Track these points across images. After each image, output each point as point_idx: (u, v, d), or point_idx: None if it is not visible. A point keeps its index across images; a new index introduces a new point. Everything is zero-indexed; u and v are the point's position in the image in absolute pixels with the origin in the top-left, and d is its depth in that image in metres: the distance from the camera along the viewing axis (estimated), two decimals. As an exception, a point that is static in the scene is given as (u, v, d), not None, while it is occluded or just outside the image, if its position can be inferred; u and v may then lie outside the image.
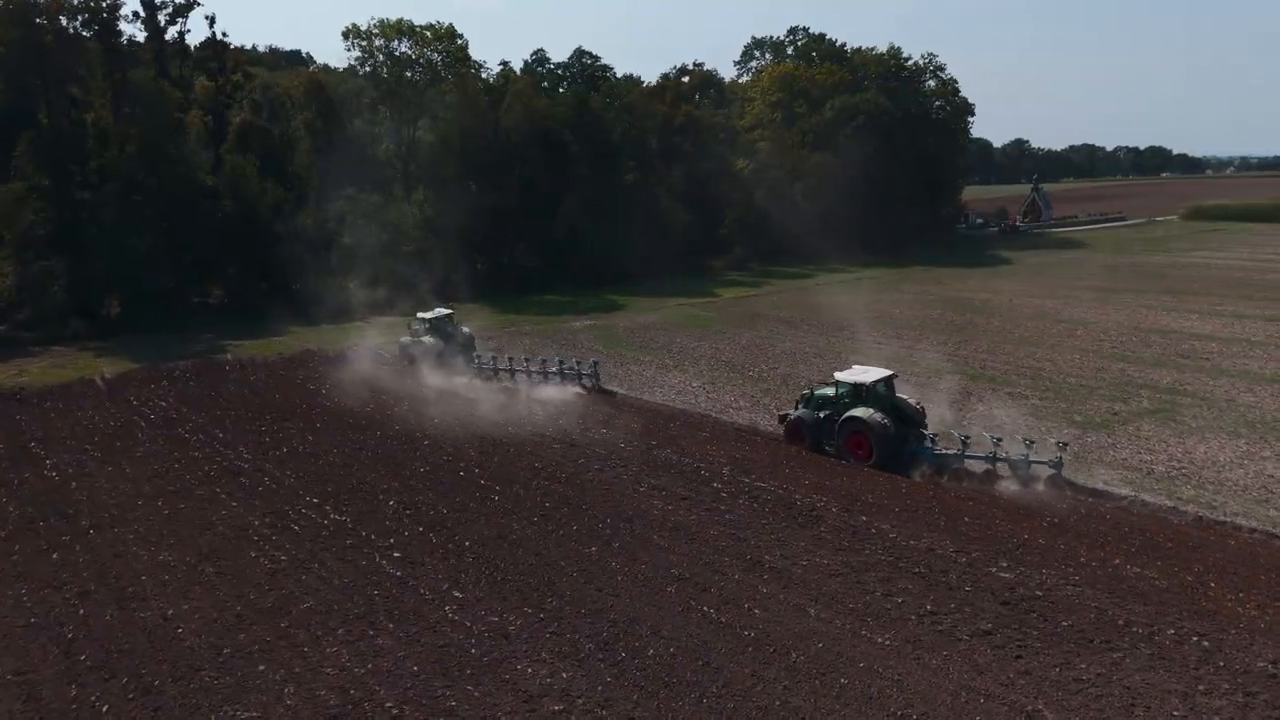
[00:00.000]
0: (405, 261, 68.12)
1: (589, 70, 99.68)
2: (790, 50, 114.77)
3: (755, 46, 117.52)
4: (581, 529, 24.97)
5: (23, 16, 58.81)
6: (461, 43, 76.04)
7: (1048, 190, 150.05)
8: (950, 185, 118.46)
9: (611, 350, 50.09)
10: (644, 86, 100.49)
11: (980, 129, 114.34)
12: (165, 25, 68.40)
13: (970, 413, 35.35)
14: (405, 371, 45.49)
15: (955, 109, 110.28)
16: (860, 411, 29.92)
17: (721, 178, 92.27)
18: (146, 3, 67.56)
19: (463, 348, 47.49)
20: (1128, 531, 24.32)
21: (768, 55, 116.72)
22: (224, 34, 72.03)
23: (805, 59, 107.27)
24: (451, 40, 75.16)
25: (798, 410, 32.55)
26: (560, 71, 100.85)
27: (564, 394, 40.67)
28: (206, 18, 69.13)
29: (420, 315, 48.60)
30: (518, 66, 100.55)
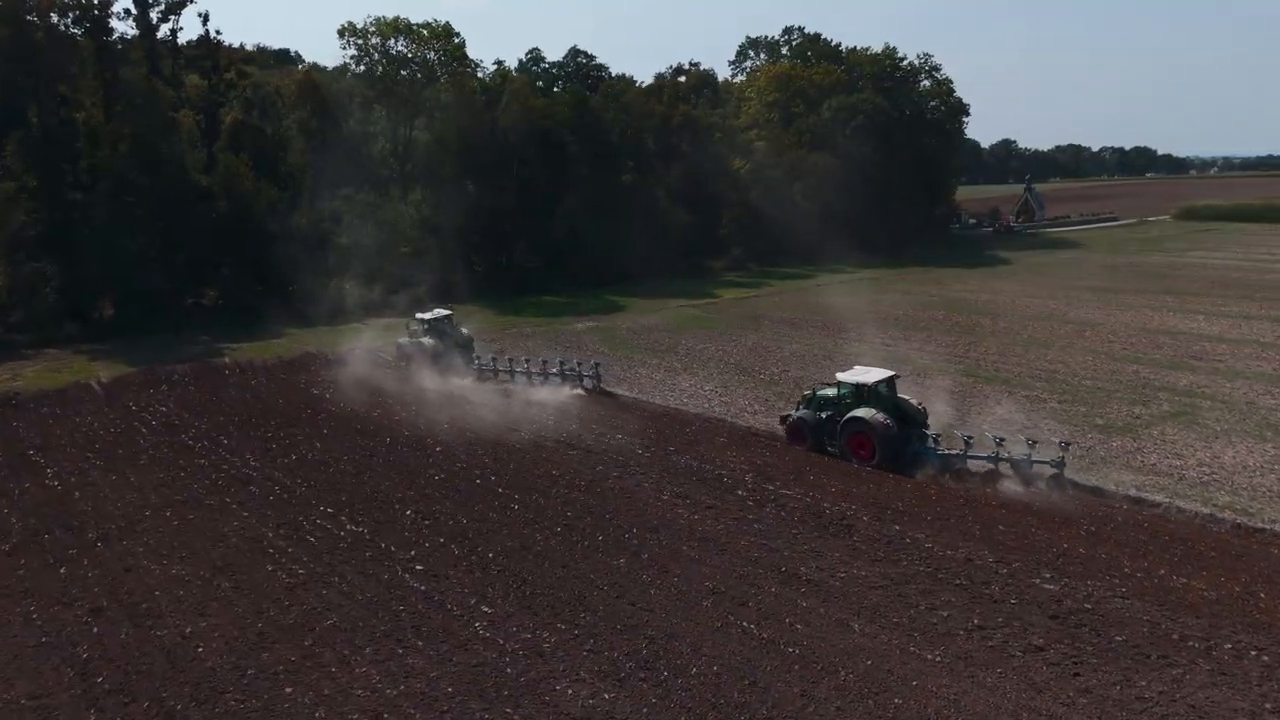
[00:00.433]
0: (402, 262, 67.31)
1: (584, 70, 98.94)
2: (785, 50, 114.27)
3: (750, 46, 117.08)
4: (608, 540, 24.26)
5: (13, 14, 57.58)
6: (458, 41, 75.17)
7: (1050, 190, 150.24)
8: (945, 185, 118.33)
9: (617, 352, 49.38)
10: (640, 86, 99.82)
11: (968, 129, 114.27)
12: (157, 23, 67.34)
13: (989, 416, 34.70)
14: (406, 374, 44.72)
15: (950, 109, 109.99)
16: (863, 412, 29.95)
17: (719, 178, 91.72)
18: (139, 0, 66.36)
19: (461, 349, 46.87)
20: (1168, 540, 23.79)
21: (762, 55, 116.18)
22: (218, 31, 70.86)
23: (801, 59, 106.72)
24: (448, 39, 74.26)
25: (799, 411, 32.57)
26: (555, 71, 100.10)
27: (567, 396, 40.21)
28: (200, 15, 68.19)
29: (418, 316, 47.92)
30: (508, 66, 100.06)
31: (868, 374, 31.33)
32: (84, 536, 25.19)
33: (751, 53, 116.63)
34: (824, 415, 31.48)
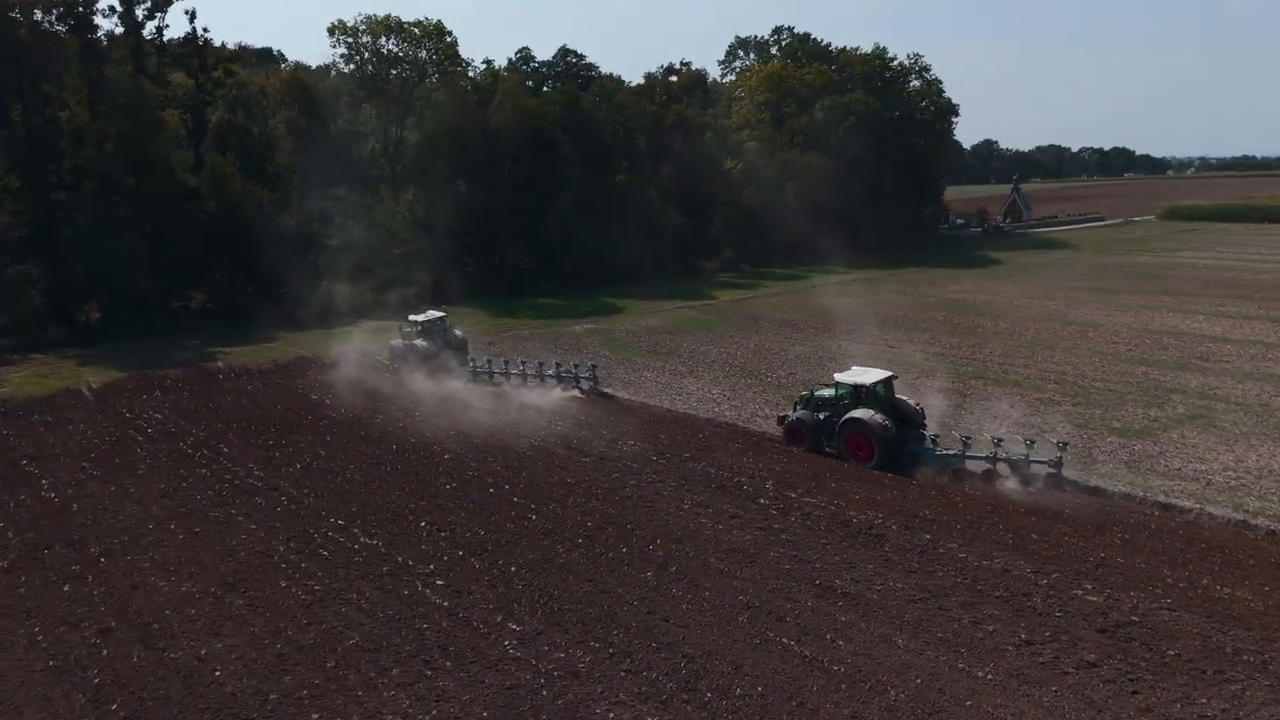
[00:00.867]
0: (394, 263, 66.26)
1: (574, 69, 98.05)
2: (775, 50, 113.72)
3: (739, 46, 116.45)
4: (632, 552, 23.53)
5: (-4, 10, 56.28)
6: (450, 40, 74.11)
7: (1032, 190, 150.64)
8: (934, 186, 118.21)
9: (619, 355, 48.65)
10: (631, 86, 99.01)
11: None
12: (143, 20, 65.99)
13: (1004, 420, 34.25)
14: (401, 377, 44.00)
15: (939, 109, 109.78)
16: (861, 413, 29.97)
17: (711, 178, 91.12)
18: (124, -3, 65.05)
19: (455, 351, 46.14)
20: (1204, 548, 23.30)
21: (752, 55, 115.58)
22: (205, 29, 69.53)
23: (792, 59, 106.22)
24: (440, 37, 73.19)
25: (796, 412, 32.55)
26: (545, 70, 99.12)
27: (565, 398, 39.71)
28: (186, 12, 66.75)
29: (412, 318, 47.19)
30: (497, 66, 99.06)
31: (865, 375, 31.39)
32: (86, 552, 24.22)
33: (741, 53, 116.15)
34: (822, 416, 31.56)
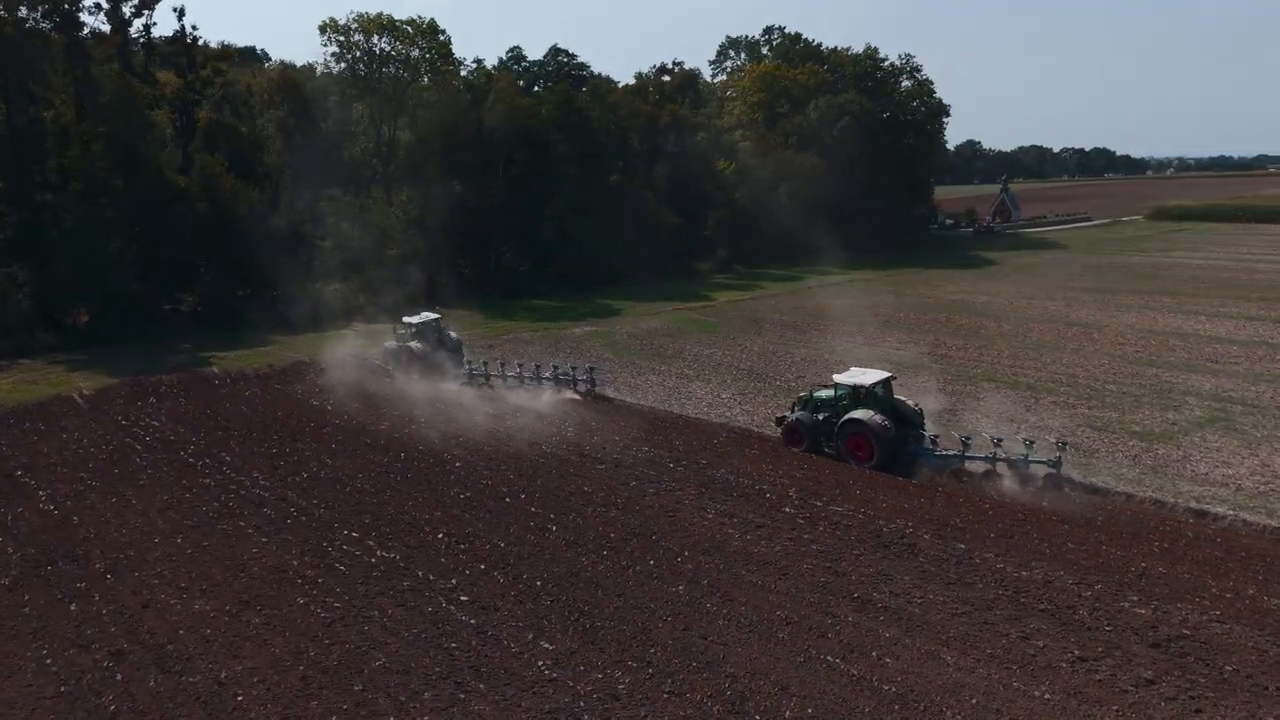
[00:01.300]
0: (388, 264, 65.27)
1: (565, 69, 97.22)
2: (766, 50, 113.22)
3: (730, 46, 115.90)
4: (660, 564, 22.81)
5: (-20, 7, 54.93)
6: (443, 39, 73.12)
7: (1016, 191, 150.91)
8: (925, 186, 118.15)
9: (622, 358, 47.93)
10: (624, 86, 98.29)
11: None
12: (130, 18, 64.60)
13: (1022, 424, 33.77)
14: (399, 380, 43.45)
15: (930, 109, 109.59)
16: (860, 413, 30.01)
17: (704, 178, 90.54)
18: (110, -7, 63.68)
19: (451, 353, 45.49)
20: (1244, 557, 22.81)
21: (743, 55, 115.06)
22: (194, 27, 68.27)
23: (784, 59, 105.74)
24: (433, 36, 72.20)
25: (795, 413, 32.58)
26: (536, 70, 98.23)
27: (563, 401, 39.22)
28: (175, 9, 65.18)
29: (406, 320, 46.52)
30: (487, 65, 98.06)
31: (864, 375, 31.35)
32: (91, 568, 23.27)
33: (732, 53, 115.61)
34: (821, 417, 31.57)
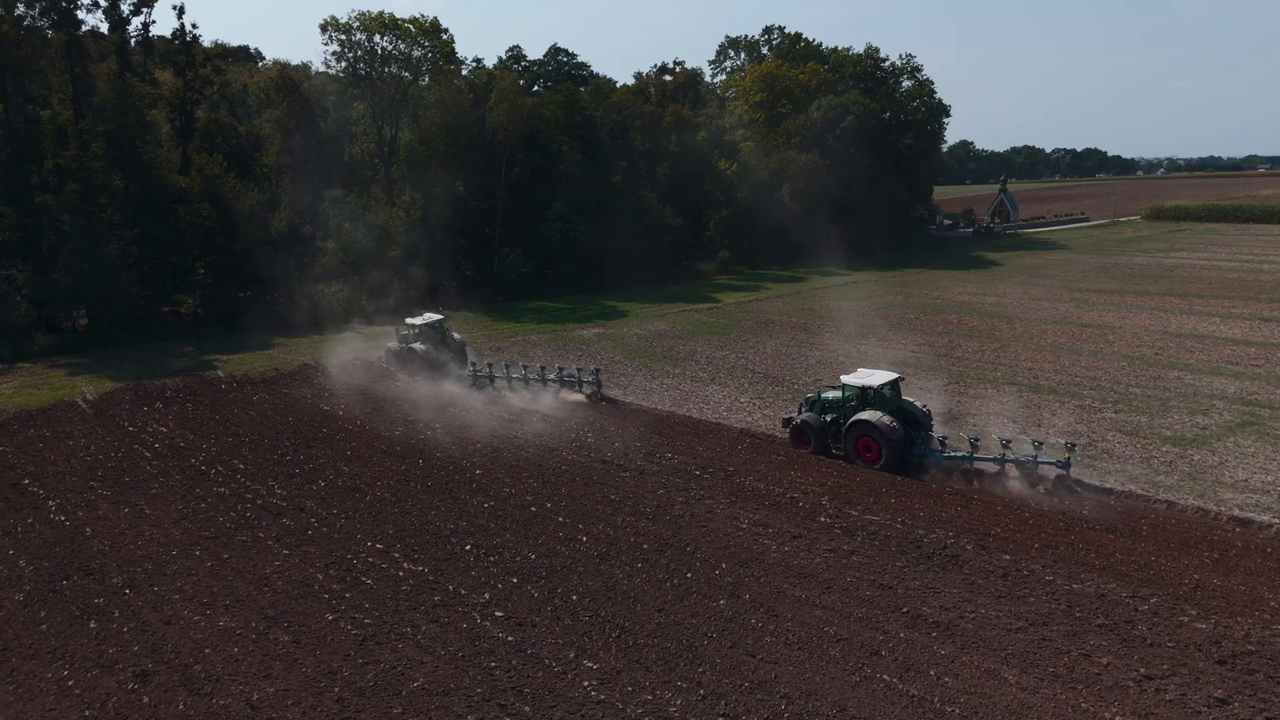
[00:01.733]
0: (389, 265, 64.47)
1: (566, 68, 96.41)
2: (766, 50, 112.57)
3: (729, 46, 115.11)
4: (698, 577, 22.10)
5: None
6: (446, 37, 72.18)
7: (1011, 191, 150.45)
8: (925, 186, 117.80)
9: (635, 361, 47.19)
10: (624, 86, 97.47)
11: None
12: (129, 16, 63.59)
13: (1049, 428, 33.22)
14: (405, 381, 43.08)
15: (931, 109, 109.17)
16: (868, 415, 29.90)
17: (706, 179, 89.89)
18: (108, -9, 62.65)
19: (454, 355, 44.94)
20: (1298, 567, 22.25)
21: (742, 55, 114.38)
22: (193, 25, 67.33)
23: (785, 58, 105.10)
24: (436, 35, 71.30)
25: (802, 414, 32.36)
26: (536, 69, 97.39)
27: (574, 404, 38.87)
28: (175, 7, 64.19)
29: (409, 321, 46.04)
30: (486, 64, 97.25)
31: (872, 377, 31.19)
32: (108, 582, 22.46)
33: (731, 52, 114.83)
34: (828, 418, 31.36)
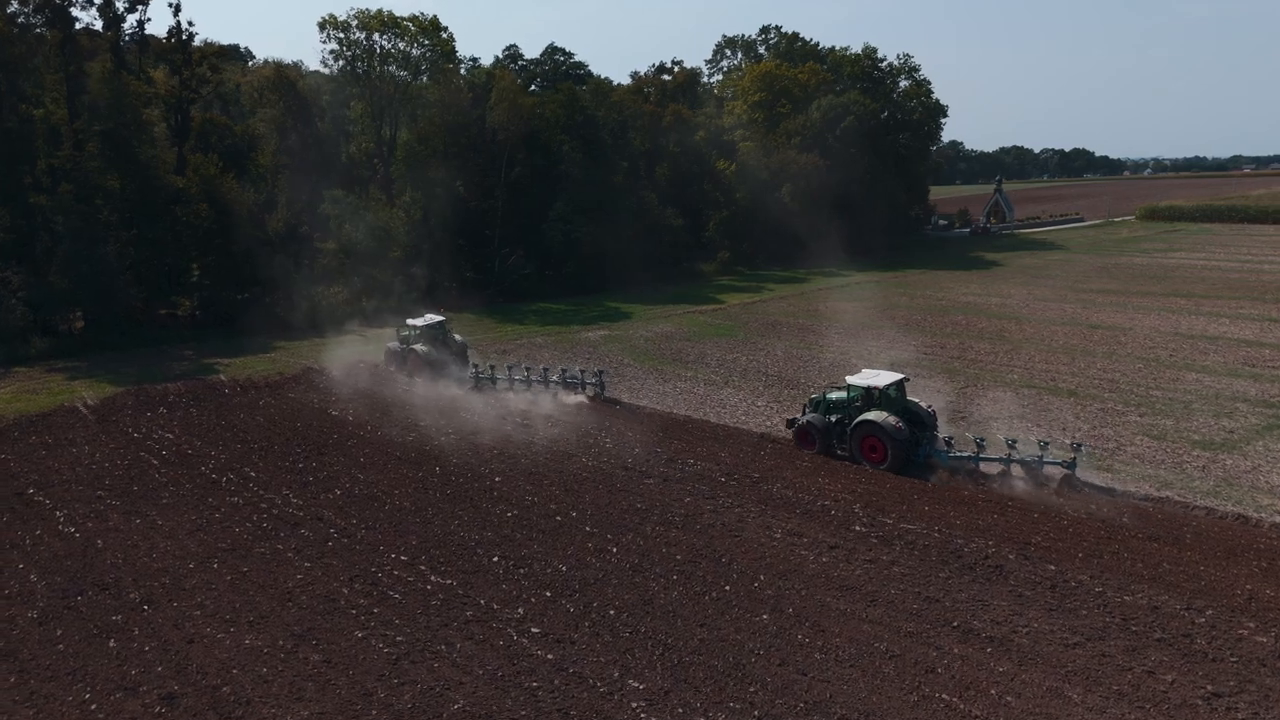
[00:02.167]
0: (389, 266, 63.67)
1: (563, 68, 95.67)
2: (763, 49, 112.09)
3: (726, 46, 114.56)
4: (737, 590, 21.43)
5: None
6: (446, 36, 71.35)
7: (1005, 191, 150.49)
8: (922, 186, 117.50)
9: (644, 364, 46.51)
10: (622, 86, 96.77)
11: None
12: (123, 14, 62.51)
13: (1075, 432, 32.74)
14: (405, 383, 42.76)
15: (928, 109, 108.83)
16: (874, 415, 29.82)
17: (705, 179, 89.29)
18: (103, -13, 61.57)
19: (456, 356, 44.30)
20: (1350, 577, 21.73)
21: (739, 55, 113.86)
22: (190, 23, 66.37)
23: (783, 58, 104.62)
24: (435, 33, 70.45)
25: (807, 415, 32.27)
26: (533, 68, 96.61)
27: (588, 408, 38.29)
28: (170, 4, 63.18)
29: (411, 322, 45.39)
30: (483, 63, 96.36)
31: (878, 377, 31.09)
32: (124, 598, 21.63)
33: (729, 52, 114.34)
34: (833, 419, 31.25)
